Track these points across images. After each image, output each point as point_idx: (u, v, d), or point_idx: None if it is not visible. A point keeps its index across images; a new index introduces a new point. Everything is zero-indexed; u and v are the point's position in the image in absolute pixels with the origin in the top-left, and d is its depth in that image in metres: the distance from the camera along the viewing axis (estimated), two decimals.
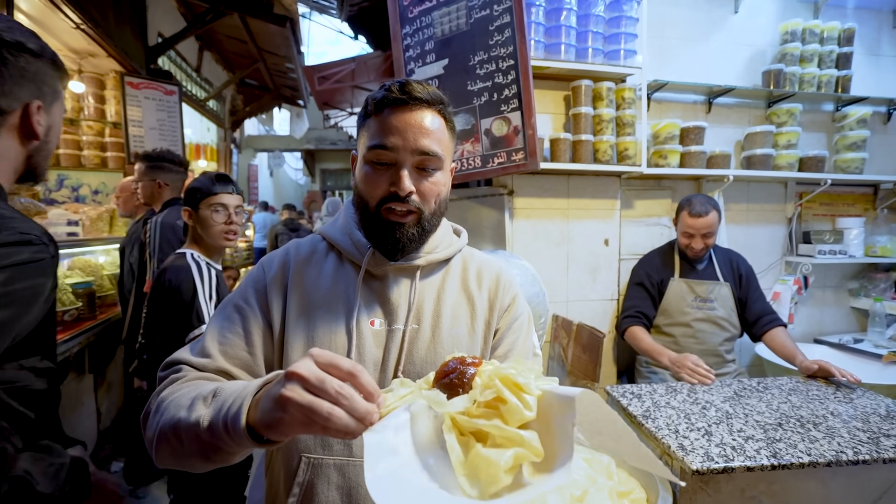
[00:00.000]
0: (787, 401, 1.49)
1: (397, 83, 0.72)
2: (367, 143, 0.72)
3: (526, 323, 0.86)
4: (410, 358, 0.75)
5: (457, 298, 0.80)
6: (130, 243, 2.25)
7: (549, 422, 0.49)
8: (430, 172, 0.73)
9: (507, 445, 0.48)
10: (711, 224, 1.87)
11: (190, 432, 0.55)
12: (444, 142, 0.74)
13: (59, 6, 2.45)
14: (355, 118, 6.53)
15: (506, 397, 0.49)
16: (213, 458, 0.55)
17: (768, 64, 2.35)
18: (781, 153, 2.24)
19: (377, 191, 0.72)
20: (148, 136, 3.32)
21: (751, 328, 1.95)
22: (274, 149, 9.63)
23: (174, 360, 0.71)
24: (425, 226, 0.74)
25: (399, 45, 2.02)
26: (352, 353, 0.72)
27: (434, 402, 0.51)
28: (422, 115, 0.71)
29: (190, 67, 4.80)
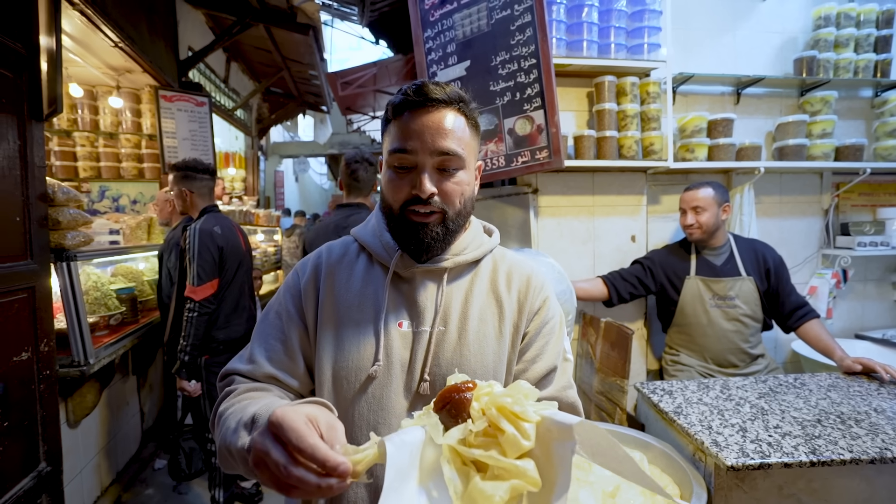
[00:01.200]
0: (826, 397, 1.44)
1: (413, 86, 0.72)
2: (389, 148, 0.74)
3: (557, 327, 0.83)
4: (437, 360, 0.75)
5: (485, 301, 0.79)
6: (168, 249, 2.36)
7: (549, 448, 0.50)
8: (451, 173, 0.73)
9: (505, 476, 0.49)
10: (702, 199, 1.86)
11: (241, 457, 0.59)
12: (465, 140, 0.74)
13: (99, 27, 2.59)
14: (377, 122, 6.63)
15: (503, 427, 0.50)
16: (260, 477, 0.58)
17: (800, 51, 2.27)
18: (816, 143, 2.17)
19: (399, 194, 0.73)
20: (181, 147, 3.46)
21: (785, 321, 1.88)
22: (299, 155, 9.85)
23: (227, 370, 0.77)
24: (450, 226, 0.74)
25: (421, 48, 2.05)
26: (379, 354, 0.73)
27: (434, 433, 0.52)
28: (440, 115, 0.71)
29: (218, 78, 4.97)
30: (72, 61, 3.19)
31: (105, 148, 3.60)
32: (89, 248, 2.12)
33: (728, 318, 1.87)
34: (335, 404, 0.72)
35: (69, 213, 1.95)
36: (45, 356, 1.73)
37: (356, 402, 0.73)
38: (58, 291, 1.93)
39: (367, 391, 0.73)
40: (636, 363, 2.18)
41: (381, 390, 0.73)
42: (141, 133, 3.68)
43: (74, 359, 1.95)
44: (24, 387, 1.63)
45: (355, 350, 0.74)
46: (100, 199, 3.57)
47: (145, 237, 3.10)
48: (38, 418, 1.70)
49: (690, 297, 1.91)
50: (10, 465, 1.55)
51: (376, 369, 0.73)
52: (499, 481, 0.49)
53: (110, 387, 2.42)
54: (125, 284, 2.57)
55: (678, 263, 1.96)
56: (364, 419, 0.72)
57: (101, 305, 2.28)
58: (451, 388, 0.55)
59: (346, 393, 0.73)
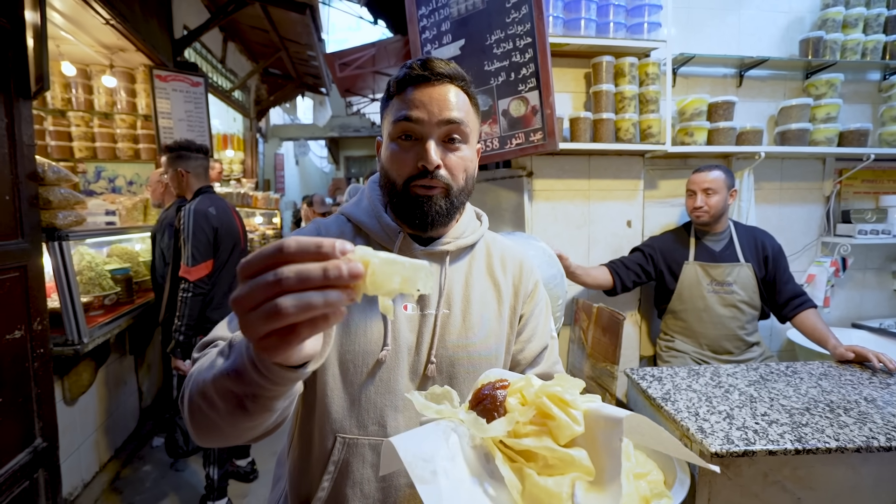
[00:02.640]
0: (816, 385, 1.43)
1: (419, 61, 0.72)
2: (392, 119, 0.72)
3: (545, 308, 0.88)
4: (443, 342, 0.75)
5: (484, 284, 0.81)
6: (161, 230, 2.35)
7: (595, 437, 0.50)
8: (456, 145, 0.72)
9: (560, 467, 0.49)
10: (713, 180, 1.83)
11: (221, 389, 0.49)
12: (470, 116, 0.74)
13: (90, 3, 2.54)
14: (377, 105, 6.54)
15: (554, 414, 0.50)
16: (252, 410, 0.48)
17: (807, 31, 2.20)
18: (819, 127, 2.12)
19: (404, 168, 0.72)
20: (177, 128, 3.43)
21: (780, 310, 1.87)
22: (299, 137, 9.77)
23: (209, 339, 0.68)
24: (454, 200, 0.74)
25: (415, 26, 2.00)
26: (388, 337, 0.73)
27: (477, 428, 0.51)
28: (445, 89, 0.71)
29: (215, 59, 4.90)
30: (63, 39, 3.14)
31: (100, 128, 3.57)
32: (82, 229, 2.11)
33: (725, 304, 1.85)
34: (341, 388, 0.73)
35: (60, 193, 1.94)
36: (38, 335, 1.74)
37: (365, 386, 0.73)
38: (50, 271, 1.93)
39: (375, 375, 0.73)
40: (630, 349, 2.18)
41: (388, 374, 0.73)
42: (136, 113, 3.64)
43: (68, 338, 1.97)
44: (17, 364, 1.64)
45: (363, 334, 0.73)
46: (96, 179, 3.55)
47: (141, 218, 3.10)
48: (33, 395, 1.72)
49: (688, 282, 1.90)
50: (5, 440, 1.58)
51: (385, 354, 0.72)
52: (559, 475, 0.48)
53: (106, 366, 2.44)
54: (120, 265, 2.57)
55: (677, 249, 1.94)
56: (372, 402, 0.72)
57: (96, 285, 2.29)
58: (485, 386, 0.55)
59: (354, 377, 0.73)
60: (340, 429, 0.73)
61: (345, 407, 0.73)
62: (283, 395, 0.48)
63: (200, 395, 0.52)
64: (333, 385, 0.73)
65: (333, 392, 0.73)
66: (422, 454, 0.47)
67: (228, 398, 0.48)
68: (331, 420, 0.73)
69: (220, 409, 0.50)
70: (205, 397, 0.51)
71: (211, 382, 0.50)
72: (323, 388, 0.73)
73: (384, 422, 0.72)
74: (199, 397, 0.52)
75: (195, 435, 0.56)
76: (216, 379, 0.49)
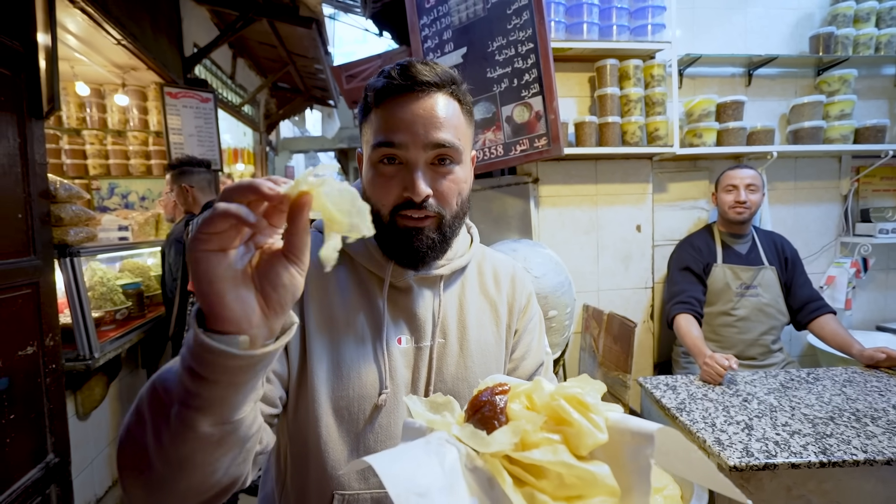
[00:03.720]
0: (840, 393, 1.37)
1: (398, 66, 0.62)
2: (372, 142, 0.63)
3: (538, 323, 0.82)
4: (441, 375, 0.69)
5: (479, 305, 0.75)
6: (169, 245, 2.38)
7: (620, 454, 0.43)
8: (447, 168, 0.63)
9: (578, 486, 0.41)
10: (755, 177, 1.80)
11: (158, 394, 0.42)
12: (462, 129, 0.64)
13: (101, 25, 2.60)
14: None
15: (573, 419, 0.43)
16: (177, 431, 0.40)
17: (816, 28, 2.15)
18: (833, 125, 2.06)
19: (388, 197, 0.63)
20: (187, 143, 3.48)
21: (796, 315, 1.82)
22: (308, 150, 9.89)
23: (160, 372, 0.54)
24: (446, 232, 0.66)
25: (417, 36, 2.00)
26: (385, 378, 0.66)
27: (476, 442, 0.43)
28: (431, 101, 0.61)
29: (225, 75, 4.99)
30: (77, 60, 3.22)
31: (113, 145, 3.65)
32: (93, 244, 2.14)
33: (753, 308, 1.80)
34: (337, 439, 0.65)
35: (72, 210, 1.97)
36: (50, 350, 1.75)
37: (362, 434, 0.65)
38: (62, 287, 1.95)
39: (374, 422, 0.65)
40: (643, 357, 2.12)
41: (388, 419, 0.66)
42: (148, 130, 3.71)
43: (80, 353, 1.98)
44: (30, 380, 1.66)
45: (356, 377, 0.65)
46: (109, 196, 3.62)
47: (153, 233, 3.14)
48: (45, 411, 1.73)
49: (718, 285, 1.85)
50: (18, 456, 1.59)
51: (384, 398, 0.66)
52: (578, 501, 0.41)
53: (119, 380, 2.46)
54: (131, 280, 2.60)
55: (706, 251, 1.89)
56: (371, 452, 0.64)
57: (108, 300, 2.31)
58: (482, 392, 0.48)
59: (350, 426, 0.65)
60: (339, 485, 0.64)
61: (342, 460, 0.65)
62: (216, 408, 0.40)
63: (135, 414, 0.44)
64: (328, 437, 0.65)
65: (328, 445, 0.64)
66: (415, 487, 0.39)
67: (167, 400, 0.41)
68: (327, 476, 0.64)
69: (154, 423, 0.42)
70: (138, 415, 0.44)
71: (148, 395, 0.44)
72: (317, 442, 0.65)
73: None
74: (134, 417, 0.44)
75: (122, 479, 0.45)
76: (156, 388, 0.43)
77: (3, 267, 1.55)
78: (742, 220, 1.82)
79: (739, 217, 1.82)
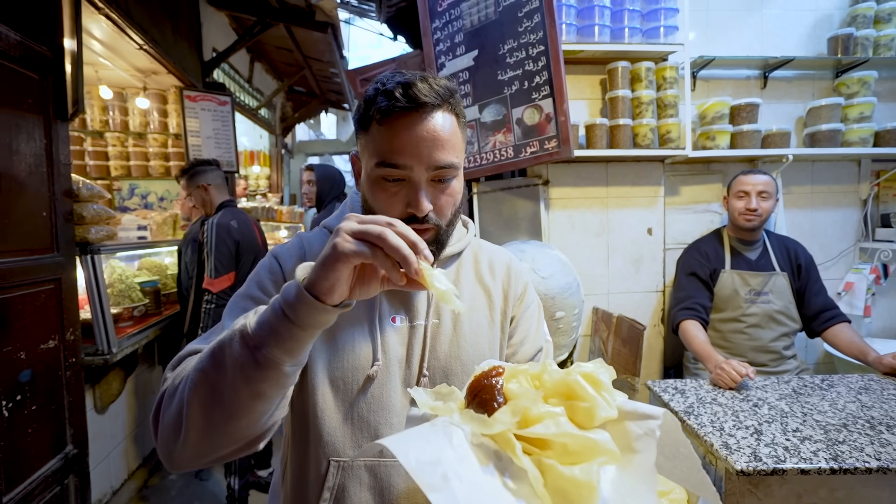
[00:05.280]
0: (855, 400, 1.34)
1: (400, 86, 0.64)
2: (375, 160, 0.66)
3: (537, 311, 0.85)
4: (434, 353, 0.73)
5: (473, 290, 0.80)
6: (185, 244, 2.44)
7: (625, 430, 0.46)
8: (446, 184, 0.68)
9: (582, 453, 0.44)
10: (768, 183, 1.75)
11: (236, 343, 0.51)
12: (458, 145, 0.69)
13: (124, 30, 2.69)
14: None
15: (588, 394, 0.45)
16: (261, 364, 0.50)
17: (835, 29, 2.12)
18: (852, 127, 2.02)
19: (391, 213, 0.66)
20: (205, 145, 3.57)
21: (809, 323, 1.78)
22: (323, 153, 10.01)
23: (187, 351, 0.64)
24: (443, 240, 0.72)
25: (429, 39, 2.03)
26: (378, 353, 0.71)
27: (479, 424, 0.46)
28: (433, 122, 0.64)
29: (242, 78, 5.10)
30: (101, 64, 3.33)
31: (134, 147, 3.76)
32: (113, 243, 2.21)
33: (763, 315, 1.77)
34: (332, 408, 0.70)
35: (93, 209, 2.04)
36: (70, 344, 1.81)
37: (356, 403, 0.70)
38: (83, 283, 2.02)
39: (366, 392, 0.70)
40: (652, 361, 2.10)
41: (380, 390, 0.70)
42: (167, 132, 3.82)
43: (99, 348, 2.04)
44: (51, 373, 1.71)
45: (350, 350, 0.70)
46: (130, 196, 3.73)
47: (171, 232, 3.22)
48: (65, 403, 1.79)
49: (726, 291, 1.82)
50: (38, 446, 1.64)
51: (376, 369, 0.70)
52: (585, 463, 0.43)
53: (135, 375, 2.52)
54: (149, 277, 2.67)
55: (713, 257, 1.87)
56: (365, 421, 0.70)
57: (126, 297, 2.38)
58: (480, 377, 0.50)
59: (345, 395, 0.70)
60: (333, 452, 0.69)
61: (337, 427, 0.70)
62: (295, 350, 0.51)
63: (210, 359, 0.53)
64: (324, 405, 0.70)
65: (324, 413, 0.70)
66: (427, 459, 0.42)
67: (242, 351, 0.50)
68: (323, 443, 0.69)
69: (227, 367, 0.51)
70: (214, 358, 0.52)
71: (227, 340, 0.52)
72: (314, 410, 0.70)
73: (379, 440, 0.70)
74: (208, 361, 0.53)
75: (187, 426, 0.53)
76: (233, 334, 0.52)
77: (27, 263, 1.61)
78: (752, 227, 1.79)
79: (749, 224, 1.79)
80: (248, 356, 0.50)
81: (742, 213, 1.78)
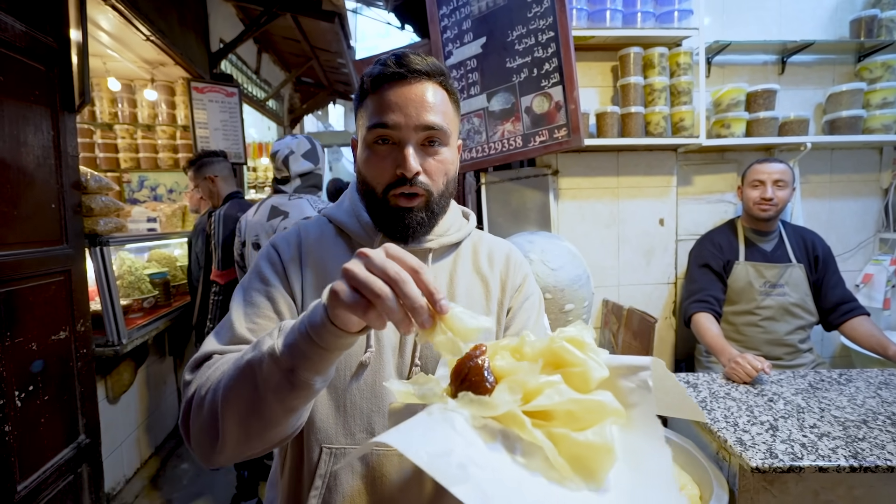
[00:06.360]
0: (875, 395, 1.30)
1: (393, 56, 0.68)
2: (367, 124, 0.69)
3: (537, 303, 0.83)
4: (427, 343, 0.72)
5: (470, 280, 0.79)
6: (196, 235, 2.44)
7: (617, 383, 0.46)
8: (436, 149, 0.70)
9: (588, 418, 0.42)
10: (784, 172, 1.71)
11: (267, 365, 0.51)
12: (449, 115, 0.71)
13: (131, 21, 2.68)
14: None
15: (578, 358, 0.45)
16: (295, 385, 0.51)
17: (858, 11, 2.03)
18: (875, 114, 1.94)
19: (382, 175, 0.69)
20: (213, 137, 3.56)
21: (827, 316, 1.73)
22: (332, 144, 9.99)
23: (203, 355, 0.65)
24: (434, 208, 0.72)
25: (436, 26, 1.99)
26: (371, 339, 0.70)
27: (480, 407, 0.43)
28: (423, 88, 0.68)
29: (250, 70, 5.08)
30: (109, 56, 3.33)
31: (143, 139, 3.77)
32: (122, 235, 2.22)
33: (777, 307, 1.73)
34: (325, 394, 0.70)
35: (101, 201, 2.04)
36: (81, 336, 1.83)
37: (348, 390, 0.70)
38: (93, 275, 2.03)
39: (359, 378, 0.70)
40: (663, 354, 2.07)
41: (373, 377, 0.70)
42: (176, 124, 3.81)
43: (109, 339, 2.06)
44: (62, 364, 1.73)
45: None
46: (139, 188, 3.75)
47: (180, 224, 3.24)
48: (77, 394, 1.81)
49: (740, 283, 1.78)
50: (51, 436, 1.66)
51: (369, 356, 0.70)
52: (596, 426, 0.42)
53: (146, 366, 2.55)
54: (158, 269, 2.69)
55: (727, 248, 1.82)
56: (357, 408, 0.70)
57: (135, 289, 2.40)
58: (463, 359, 0.47)
59: (338, 382, 0.70)
60: (326, 439, 0.69)
61: (329, 415, 0.70)
62: (324, 369, 0.52)
63: (242, 378, 0.54)
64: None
65: (317, 400, 0.69)
66: (437, 450, 0.39)
67: (274, 374, 0.51)
68: (315, 430, 0.69)
69: (261, 388, 0.52)
70: (248, 378, 0.53)
71: (257, 362, 0.53)
72: None
73: (372, 428, 0.69)
74: (241, 380, 0.54)
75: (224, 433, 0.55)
76: (263, 356, 0.52)
77: (37, 255, 1.62)
78: (767, 217, 1.74)
79: (764, 214, 1.74)
80: (282, 379, 0.51)
81: (757, 202, 1.73)
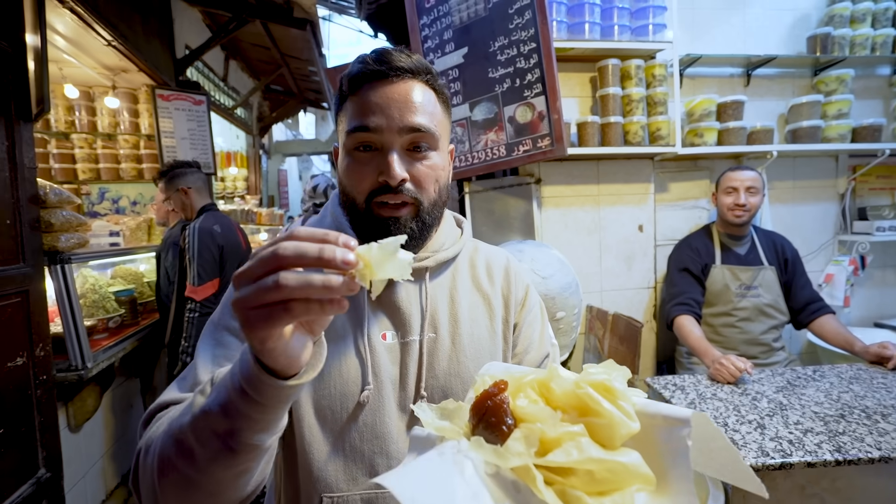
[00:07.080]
0: (848, 390, 1.37)
1: (373, 53, 0.61)
2: (346, 128, 0.61)
3: (541, 315, 0.79)
4: (432, 371, 0.66)
5: (471, 298, 0.73)
6: (165, 249, 2.33)
7: (653, 440, 0.40)
8: (423, 154, 0.62)
9: (611, 480, 0.38)
10: (755, 179, 1.79)
11: (202, 430, 0.44)
12: (437, 116, 0.63)
13: (91, 25, 2.55)
14: None
15: (604, 409, 0.39)
16: (237, 448, 0.43)
17: (813, 28, 2.17)
18: (831, 124, 2.07)
19: (364, 183, 0.61)
20: (180, 146, 3.42)
21: (797, 315, 1.83)
22: (301, 153, 9.81)
23: (157, 405, 0.58)
24: (425, 219, 0.64)
25: (417, 36, 1.98)
26: (367, 374, 0.63)
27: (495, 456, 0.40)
28: (407, 87, 0.60)
29: (217, 77, 4.93)
30: (66, 62, 3.15)
31: (104, 149, 3.58)
32: (85, 251, 2.08)
33: (753, 308, 1.81)
34: (320, 440, 0.63)
35: (62, 215, 1.91)
36: (41, 361, 1.70)
37: (346, 433, 0.63)
38: (53, 295, 1.90)
39: (357, 420, 0.63)
40: (646, 357, 2.12)
41: (373, 416, 0.63)
42: (139, 133, 3.64)
43: (72, 363, 1.92)
44: (20, 393, 1.60)
45: (337, 374, 0.63)
46: (100, 201, 3.55)
47: (145, 238, 3.07)
48: (36, 424, 1.67)
49: (717, 286, 1.85)
50: (7, 472, 1.53)
51: (367, 394, 0.63)
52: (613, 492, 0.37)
53: (112, 390, 2.39)
54: (124, 286, 2.54)
55: (704, 252, 1.89)
56: (358, 451, 0.63)
57: (100, 308, 2.25)
58: (483, 396, 0.44)
59: (333, 425, 0.63)
60: (325, 487, 0.62)
61: (327, 461, 0.62)
62: (272, 425, 0.44)
63: (175, 448, 0.46)
64: (311, 439, 0.62)
65: (311, 447, 0.62)
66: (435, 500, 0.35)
67: (210, 440, 0.43)
68: (313, 480, 0.62)
69: (199, 458, 0.44)
70: (181, 448, 0.45)
71: (189, 427, 0.44)
72: (301, 443, 0.63)
73: (375, 471, 0.62)
74: (174, 450, 0.46)
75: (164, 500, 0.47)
76: (196, 420, 0.44)
77: None
78: (741, 222, 1.82)
79: (738, 220, 1.82)
80: (221, 445, 0.43)
81: (731, 208, 1.81)
